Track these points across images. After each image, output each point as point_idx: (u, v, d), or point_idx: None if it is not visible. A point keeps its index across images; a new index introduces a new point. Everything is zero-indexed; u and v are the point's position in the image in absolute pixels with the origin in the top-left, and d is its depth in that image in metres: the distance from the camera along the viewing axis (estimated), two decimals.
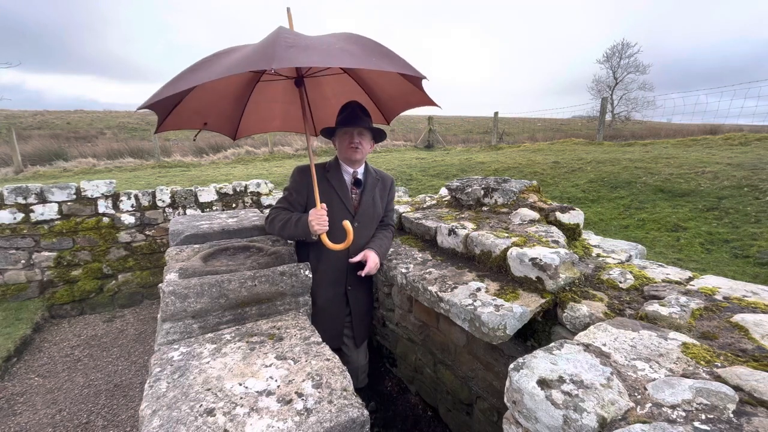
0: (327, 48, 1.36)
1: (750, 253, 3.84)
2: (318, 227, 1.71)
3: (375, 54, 1.45)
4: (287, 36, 1.33)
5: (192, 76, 1.36)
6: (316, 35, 1.52)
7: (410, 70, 1.49)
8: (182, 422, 1.03)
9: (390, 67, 1.43)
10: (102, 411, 2.70)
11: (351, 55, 1.36)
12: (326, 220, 1.73)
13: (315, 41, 1.39)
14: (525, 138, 17.46)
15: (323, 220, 1.72)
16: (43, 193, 3.99)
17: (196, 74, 1.35)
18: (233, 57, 1.37)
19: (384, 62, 1.42)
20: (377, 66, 1.39)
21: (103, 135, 21.16)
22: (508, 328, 1.29)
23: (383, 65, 1.40)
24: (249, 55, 1.29)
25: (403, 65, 1.47)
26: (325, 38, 1.47)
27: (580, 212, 1.93)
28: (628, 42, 26.78)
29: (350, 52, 1.38)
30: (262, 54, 1.23)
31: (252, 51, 1.31)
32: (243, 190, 4.87)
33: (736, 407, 0.77)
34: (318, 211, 1.72)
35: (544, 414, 0.83)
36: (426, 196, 2.99)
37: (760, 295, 1.24)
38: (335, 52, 1.35)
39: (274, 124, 2.39)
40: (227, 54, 1.45)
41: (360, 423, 1.09)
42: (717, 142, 7.91)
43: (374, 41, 1.55)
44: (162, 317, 1.50)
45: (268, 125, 2.39)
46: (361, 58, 1.38)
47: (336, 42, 1.43)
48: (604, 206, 5.53)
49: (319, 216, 1.71)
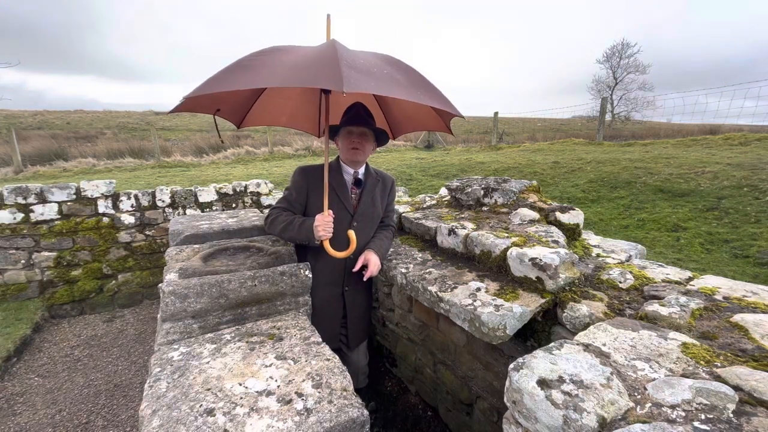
0: (379, 74, 1.39)
1: (750, 253, 3.84)
2: (323, 233, 1.73)
3: (419, 87, 1.51)
4: (345, 55, 1.34)
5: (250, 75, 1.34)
6: (360, 52, 1.53)
7: (450, 108, 1.56)
8: (182, 422, 1.03)
9: (431, 102, 1.49)
10: (102, 411, 2.70)
11: (398, 85, 1.41)
12: (332, 227, 1.75)
13: (366, 64, 1.40)
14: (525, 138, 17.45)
15: (329, 226, 1.74)
16: (43, 193, 3.99)
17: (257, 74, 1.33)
18: (291, 63, 1.36)
19: (426, 96, 1.49)
20: (420, 100, 1.44)
21: (103, 135, 21.16)
22: (508, 328, 1.29)
23: (425, 99, 1.46)
24: (312, 69, 1.29)
25: (442, 102, 1.54)
26: (370, 59, 1.48)
27: (579, 212, 1.93)
28: (628, 42, 26.83)
29: (398, 82, 1.43)
30: (329, 74, 1.22)
31: (314, 64, 1.31)
32: (243, 190, 4.87)
33: (735, 407, 0.77)
34: (325, 217, 1.73)
35: (544, 414, 0.83)
36: (426, 196, 2.99)
37: (759, 295, 1.24)
38: (386, 80, 1.39)
39: (281, 119, 2.39)
40: (282, 55, 1.43)
41: (360, 423, 1.09)
42: (717, 142, 7.91)
43: (411, 67, 1.60)
44: (162, 317, 1.50)
45: (276, 119, 2.38)
46: (409, 90, 1.44)
47: (383, 66, 1.46)
48: (604, 206, 5.53)
49: (326, 222, 1.73)
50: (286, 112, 2.33)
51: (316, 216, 1.76)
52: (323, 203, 1.76)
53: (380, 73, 1.40)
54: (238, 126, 2.26)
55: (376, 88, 1.30)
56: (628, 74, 27.03)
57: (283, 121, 2.40)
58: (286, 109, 2.31)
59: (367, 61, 1.44)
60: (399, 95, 1.36)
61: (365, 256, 1.89)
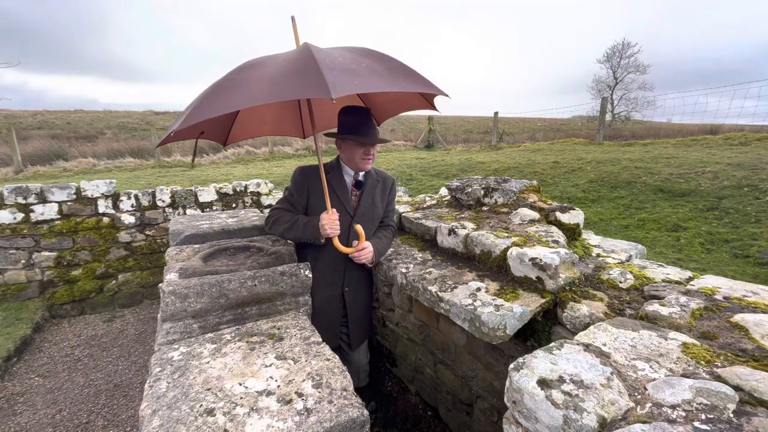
0: (359, 69, 1.36)
1: (750, 253, 3.84)
2: (330, 231, 1.74)
3: (399, 74, 1.48)
4: (322, 57, 1.31)
5: (233, 97, 1.28)
6: (333, 50, 1.50)
7: (433, 89, 1.54)
8: (182, 422, 1.03)
9: (414, 87, 1.47)
10: (102, 411, 2.70)
11: (380, 76, 1.39)
12: (338, 224, 1.77)
13: (345, 61, 1.38)
14: (525, 138, 17.46)
15: (336, 224, 1.75)
16: (43, 192, 3.99)
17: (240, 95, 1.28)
18: (270, 77, 1.31)
19: (407, 82, 1.47)
20: (403, 88, 1.42)
21: (103, 135, 21.16)
22: (508, 328, 1.29)
23: (407, 86, 1.45)
24: (295, 80, 1.24)
25: (425, 84, 1.52)
26: (347, 55, 1.45)
27: (580, 212, 1.93)
28: (629, 42, 26.80)
29: (379, 73, 1.41)
30: (314, 82, 1.19)
31: (295, 74, 1.26)
32: (243, 190, 4.87)
33: (736, 407, 0.77)
34: (331, 215, 1.75)
35: (544, 414, 0.83)
36: (426, 196, 2.99)
37: (760, 294, 1.24)
38: (367, 74, 1.37)
39: (265, 128, 2.39)
40: (258, 70, 1.39)
41: (360, 423, 1.09)
42: (717, 141, 7.90)
43: (389, 56, 1.57)
44: (162, 317, 1.50)
45: (259, 130, 2.39)
46: (390, 80, 1.42)
47: (360, 59, 1.44)
48: (604, 206, 5.53)
49: (333, 221, 1.75)
50: (269, 120, 2.34)
51: (321, 215, 1.77)
52: (323, 203, 1.78)
53: (359, 67, 1.37)
54: (224, 144, 2.26)
55: (361, 86, 1.29)
56: (629, 74, 27.04)
57: (267, 129, 2.40)
58: (268, 118, 2.32)
59: (344, 57, 1.42)
60: (383, 88, 1.35)
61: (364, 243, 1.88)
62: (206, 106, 1.31)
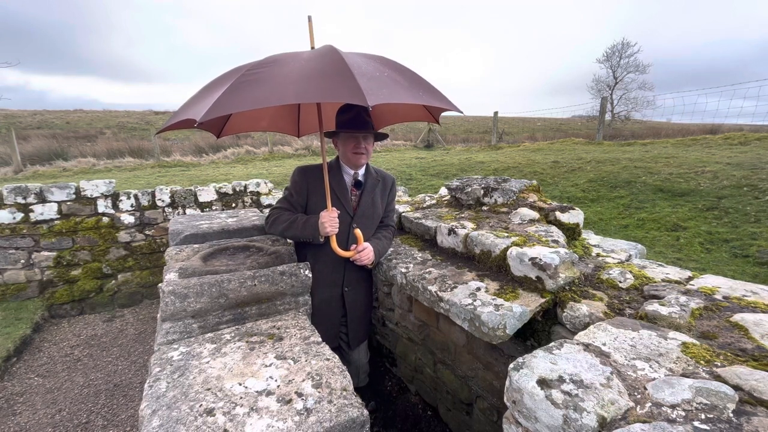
0: (385, 79, 1.36)
1: (750, 253, 3.84)
2: (330, 229, 1.74)
3: (420, 87, 1.50)
4: (354, 63, 1.30)
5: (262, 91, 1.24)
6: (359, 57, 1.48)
7: (449, 106, 1.56)
8: (182, 422, 1.03)
9: (433, 101, 1.47)
10: (102, 411, 2.70)
11: (403, 88, 1.40)
12: (338, 223, 1.77)
13: (371, 69, 1.37)
14: (525, 137, 17.45)
15: (335, 222, 1.75)
16: (42, 192, 3.99)
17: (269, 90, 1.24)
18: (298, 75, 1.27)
19: (427, 96, 1.48)
20: (424, 101, 1.43)
21: (103, 134, 21.14)
22: (508, 327, 1.29)
23: (428, 99, 1.45)
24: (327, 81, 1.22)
25: (442, 100, 1.53)
26: (371, 63, 1.44)
27: (579, 212, 1.93)
28: (629, 41, 26.79)
29: (401, 84, 1.41)
30: (349, 87, 1.18)
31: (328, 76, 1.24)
32: (243, 190, 4.86)
33: (735, 407, 0.77)
34: (331, 213, 1.75)
35: (543, 413, 0.83)
36: (426, 196, 2.99)
37: (759, 294, 1.24)
38: (392, 84, 1.37)
39: (260, 124, 2.36)
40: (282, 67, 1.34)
41: (360, 423, 1.08)
42: (717, 141, 7.91)
43: (404, 66, 1.58)
44: (162, 317, 1.50)
45: (255, 125, 2.36)
46: (413, 92, 1.43)
47: (382, 69, 1.44)
48: (603, 206, 5.53)
49: (332, 219, 1.75)
50: (266, 116, 2.31)
51: (320, 213, 1.77)
52: (323, 203, 1.78)
53: (382, 76, 1.37)
54: (218, 136, 2.24)
55: (389, 96, 1.27)
56: (628, 74, 27.04)
57: (263, 125, 2.38)
58: (265, 113, 2.29)
59: (369, 65, 1.41)
60: (408, 99, 1.34)
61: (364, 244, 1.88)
62: (234, 98, 1.24)
